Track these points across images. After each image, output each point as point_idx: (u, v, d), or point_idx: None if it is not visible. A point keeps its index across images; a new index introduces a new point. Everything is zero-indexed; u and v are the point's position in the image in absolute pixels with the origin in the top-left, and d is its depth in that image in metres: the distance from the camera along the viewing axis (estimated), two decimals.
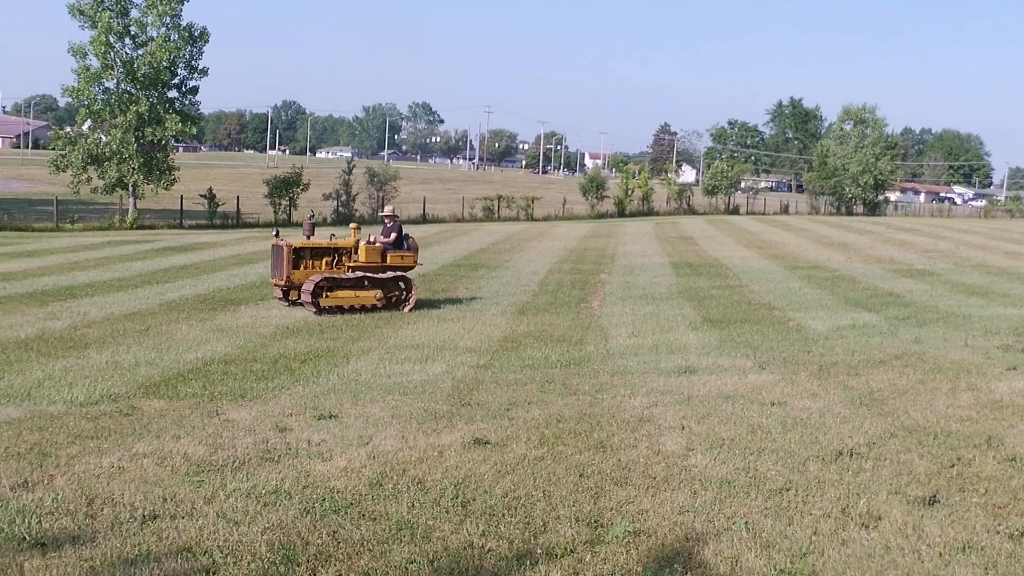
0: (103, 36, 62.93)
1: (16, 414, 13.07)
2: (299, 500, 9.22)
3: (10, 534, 8.26)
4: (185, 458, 10.73)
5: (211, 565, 7.65)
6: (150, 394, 14.51)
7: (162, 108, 64.14)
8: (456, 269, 36.38)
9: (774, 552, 8.04)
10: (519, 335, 20.83)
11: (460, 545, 8.13)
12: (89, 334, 20.27)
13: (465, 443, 11.34)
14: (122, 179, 63.50)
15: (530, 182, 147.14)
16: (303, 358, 17.70)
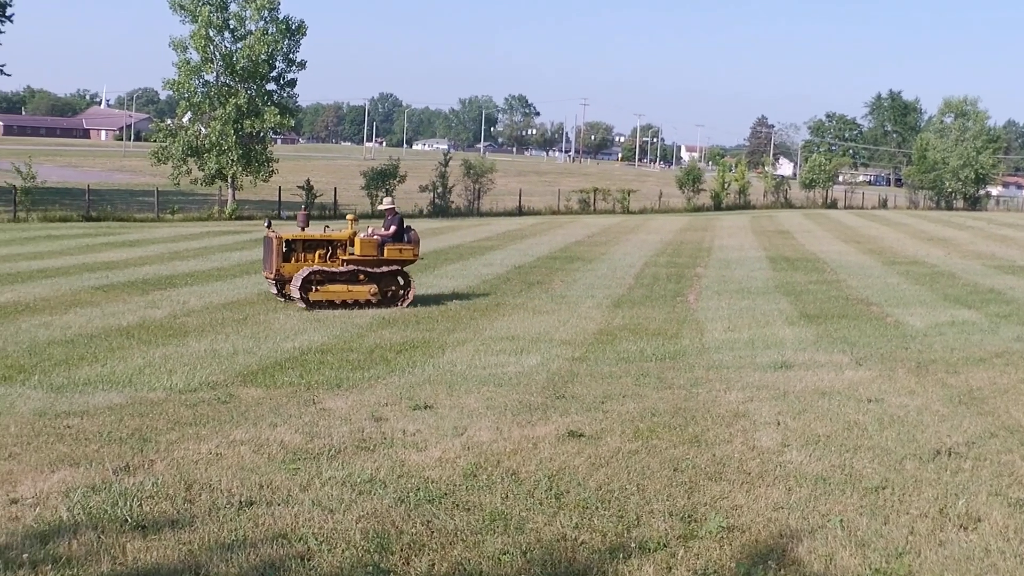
0: (203, 30, 63.58)
1: (118, 400, 13.29)
2: (394, 489, 9.27)
3: (113, 516, 8.41)
4: (282, 446, 10.85)
5: (306, 552, 7.73)
6: (248, 382, 14.67)
7: (260, 100, 64.70)
8: (552, 261, 36.34)
9: (869, 551, 7.93)
10: (614, 328, 20.76)
11: (553, 537, 8.13)
12: (188, 322, 20.54)
13: (559, 435, 11.34)
14: (221, 170, 64.18)
15: (626, 175, 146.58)
16: (399, 348, 17.78)
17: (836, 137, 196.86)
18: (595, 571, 7.46)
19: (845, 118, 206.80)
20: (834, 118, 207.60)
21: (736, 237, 52.28)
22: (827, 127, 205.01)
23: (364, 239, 23.50)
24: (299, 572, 7.35)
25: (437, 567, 7.47)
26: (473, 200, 72.78)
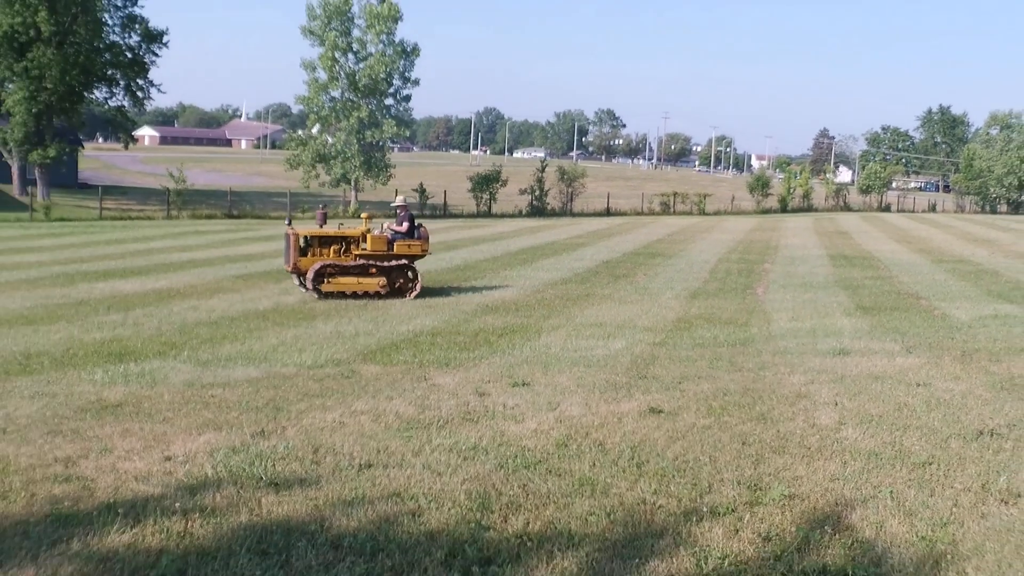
0: (330, 52, 64.42)
1: (255, 374, 13.46)
2: (494, 456, 9.31)
3: (251, 473, 8.55)
4: (397, 416, 10.93)
5: (417, 509, 7.78)
6: (367, 360, 14.76)
7: (380, 114, 65.37)
8: (636, 257, 36.20)
9: (916, 520, 7.81)
10: (691, 317, 20.62)
11: (634, 501, 8.12)
12: (316, 308, 20.73)
13: (641, 411, 11.31)
14: (345, 175, 65.00)
15: (702, 180, 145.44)
16: (500, 332, 17.80)
17: (891, 148, 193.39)
18: (671, 532, 7.43)
19: (899, 130, 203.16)
20: (889, 130, 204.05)
21: (800, 237, 51.65)
22: (882, 138, 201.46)
23: (375, 236, 22.87)
24: (411, 527, 7.40)
25: (531, 525, 7.48)
26: (566, 202, 72.71)
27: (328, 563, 6.69)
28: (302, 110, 74.79)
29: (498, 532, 7.35)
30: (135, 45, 68.87)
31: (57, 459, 9.07)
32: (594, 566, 6.76)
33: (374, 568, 6.61)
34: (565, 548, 7.05)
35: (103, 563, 6.62)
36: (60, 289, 23.39)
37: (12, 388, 12.39)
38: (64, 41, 62.68)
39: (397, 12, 64.75)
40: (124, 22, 68.35)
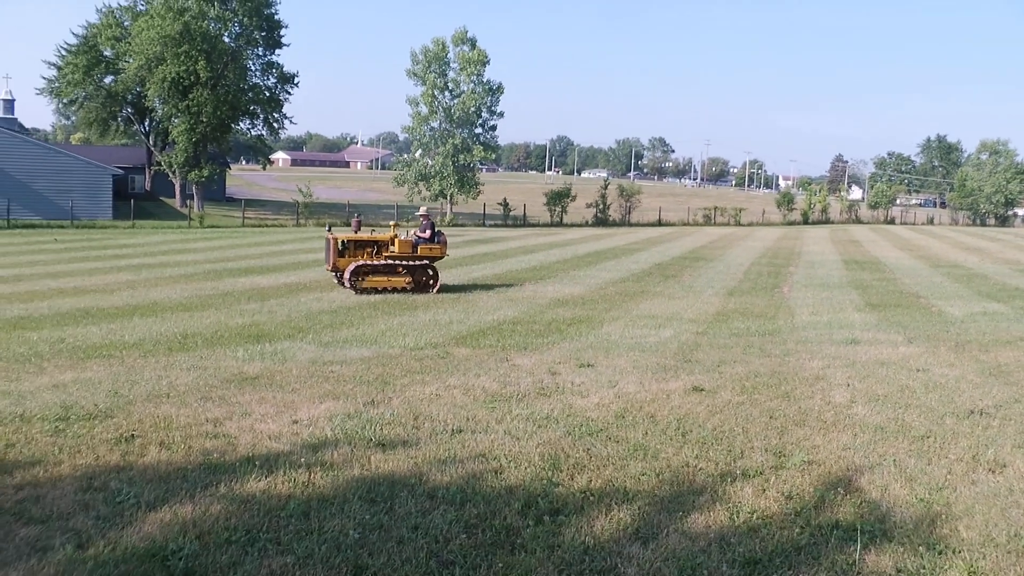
0: (430, 91, 64.95)
1: (367, 354, 13.55)
2: (564, 425, 9.29)
3: (362, 436, 8.61)
4: (483, 390, 10.95)
5: (499, 468, 7.79)
6: (459, 344, 14.79)
7: (470, 141, 65.70)
8: (683, 261, 35.92)
9: (916, 485, 7.65)
10: (728, 311, 20.42)
11: (679, 464, 8.05)
12: (417, 300, 20.81)
13: (686, 389, 11.22)
14: (442, 191, 65.42)
15: (737, 197, 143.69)
16: (569, 322, 17.76)
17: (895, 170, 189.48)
18: (709, 490, 7.36)
19: (902, 155, 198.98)
20: (894, 156, 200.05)
21: (819, 245, 50.91)
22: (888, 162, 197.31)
23: (402, 240, 22.44)
24: (493, 482, 7.41)
25: (593, 483, 7.45)
26: (625, 214, 72.39)
27: (425, 510, 6.72)
28: (407, 138, 75.42)
29: (565, 488, 7.33)
30: (272, 86, 70.03)
31: (208, 419, 9.22)
32: (644, 517, 6.73)
33: (463, 515, 6.63)
34: (621, 502, 7.02)
35: (244, 504, 6.71)
36: (210, 283, 23.76)
37: (173, 362, 12.62)
38: (217, 84, 63.82)
39: (485, 57, 65.06)
40: (264, 67, 69.53)
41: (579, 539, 6.29)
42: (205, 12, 62.40)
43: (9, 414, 9.33)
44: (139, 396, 10.32)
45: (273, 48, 69.11)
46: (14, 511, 6.60)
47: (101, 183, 58.94)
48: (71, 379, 11.34)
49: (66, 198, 55.27)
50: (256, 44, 67.77)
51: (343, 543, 6.08)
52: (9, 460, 7.80)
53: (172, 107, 63.62)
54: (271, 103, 69.81)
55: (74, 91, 71.98)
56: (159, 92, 63.02)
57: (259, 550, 5.94)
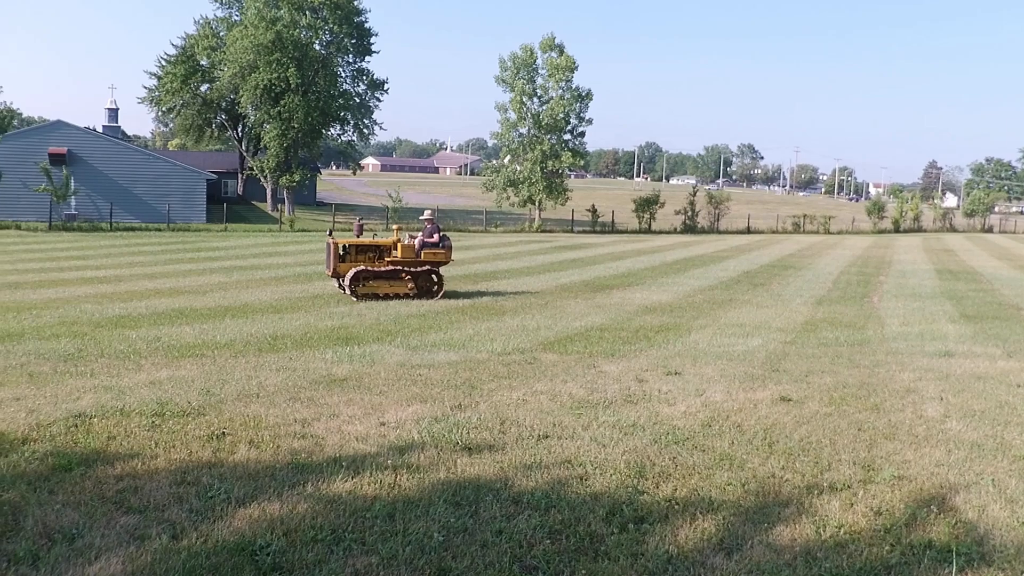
0: (518, 97, 65.15)
1: (454, 358, 13.64)
2: (650, 432, 9.23)
3: (448, 440, 8.67)
4: (570, 396, 10.94)
5: (584, 474, 7.77)
6: (547, 349, 14.80)
7: (559, 147, 65.69)
8: (771, 269, 35.43)
9: (1018, 507, 7.34)
10: (816, 320, 20.08)
11: (765, 475, 7.94)
12: (505, 305, 20.91)
13: (773, 399, 11.07)
14: (531, 197, 65.46)
15: (827, 204, 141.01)
16: (657, 329, 17.66)
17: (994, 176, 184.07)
18: (795, 502, 7.24)
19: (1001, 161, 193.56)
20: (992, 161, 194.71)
21: (911, 254, 49.68)
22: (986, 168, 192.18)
23: (405, 245, 21.98)
24: (578, 488, 7.40)
25: (678, 492, 7.40)
26: (713, 221, 71.62)
27: (509, 515, 6.74)
28: (496, 144, 75.64)
29: (651, 496, 7.29)
30: (362, 92, 71.15)
31: (296, 420, 9.38)
32: (729, 528, 6.65)
33: (547, 520, 6.63)
34: (706, 512, 6.95)
35: (330, 504, 6.81)
36: (300, 285, 24.19)
37: (263, 363, 12.88)
38: (308, 90, 64.96)
39: (573, 63, 65.01)
40: (354, 74, 70.65)
41: (663, 548, 6.25)
42: (296, 21, 63.64)
43: (111, 408, 9.67)
44: (230, 395, 10.56)
45: (363, 55, 70.14)
46: (115, 500, 6.85)
47: (196, 187, 60.47)
48: (166, 376, 11.66)
49: (163, 202, 56.84)
50: (346, 51, 68.85)
51: (427, 545, 6.14)
52: (110, 452, 8.09)
53: (264, 113, 65.04)
54: (361, 109, 70.88)
55: (172, 99, 74.30)
56: (252, 99, 64.51)
57: (344, 549, 6.02)
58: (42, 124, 67.83)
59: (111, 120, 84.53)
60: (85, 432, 8.71)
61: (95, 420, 9.17)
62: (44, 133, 59.19)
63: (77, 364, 12.67)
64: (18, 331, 15.74)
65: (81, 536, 6.14)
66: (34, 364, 12.64)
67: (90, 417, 9.28)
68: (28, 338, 15.01)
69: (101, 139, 63.40)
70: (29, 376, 11.74)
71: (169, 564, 5.70)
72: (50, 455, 7.92)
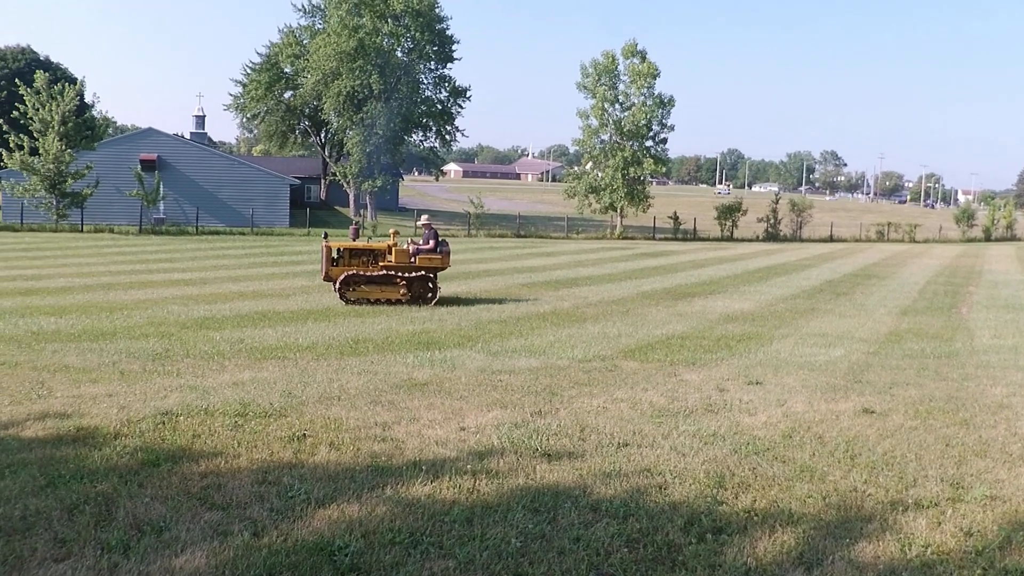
0: (600, 104, 65.18)
1: (535, 364, 13.66)
2: (730, 442, 9.15)
3: (528, 446, 8.69)
4: (650, 404, 10.88)
5: (663, 483, 7.73)
6: (627, 357, 14.75)
7: (641, 153, 65.49)
8: (854, 278, 34.77)
9: None
10: (901, 331, 19.66)
11: (847, 488, 7.79)
12: (587, 312, 20.88)
13: (856, 411, 10.87)
14: (612, 204, 65.42)
15: (912, 212, 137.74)
16: (738, 338, 17.48)
17: None
18: (878, 518, 7.09)
19: None
20: None
21: (1003, 263, 48.29)
22: None
23: (399, 249, 21.55)
24: (657, 497, 7.36)
25: (758, 503, 7.31)
26: (796, 229, 70.62)
27: (587, 522, 6.73)
28: (577, 150, 75.70)
29: (730, 506, 7.22)
30: (444, 99, 71.75)
31: (376, 423, 9.49)
32: (809, 542, 6.54)
33: (625, 529, 6.60)
34: (785, 524, 6.86)
35: (408, 507, 6.87)
36: None
37: (345, 366, 13.05)
38: (390, 97, 65.72)
39: (655, 70, 64.76)
40: (436, 81, 71.30)
41: (741, 559, 6.18)
42: (379, 28, 64.49)
43: (195, 407, 9.91)
44: (311, 397, 10.72)
45: (445, 62, 70.75)
46: (199, 496, 7.03)
47: (279, 192, 61.52)
48: (249, 378, 11.89)
49: (247, 207, 57.94)
50: (428, 59, 69.50)
51: (504, 551, 6.15)
52: (195, 449, 8.29)
53: (347, 120, 65.95)
54: (443, 116, 71.54)
55: (257, 106, 75.82)
56: (335, 105, 65.52)
57: (422, 552, 6.07)
58: (134, 131, 69.83)
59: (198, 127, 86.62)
60: (172, 429, 8.95)
61: (181, 418, 9.41)
62: (136, 140, 60.84)
63: (164, 363, 13.01)
64: (110, 330, 16.21)
65: (168, 529, 6.33)
66: (125, 362, 13.03)
67: (176, 415, 9.53)
68: (119, 337, 15.48)
69: (189, 145, 65.02)
70: (120, 374, 12.12)
71: (250, 560, 5.82)
72: (139, 450, 8.18)
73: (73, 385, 11.29)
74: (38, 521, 6.43)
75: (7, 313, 18.28)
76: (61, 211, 51.46)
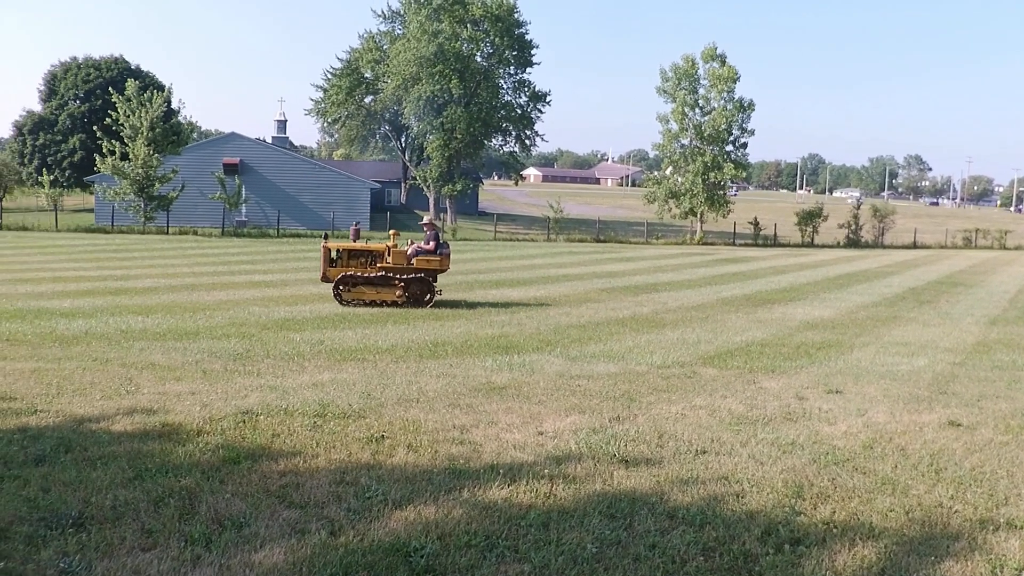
0: (680, 108, 64.90)
1: (614, 369, 13.62)
2: (809, 452, 9.00)
3: (605, 451, 8.65)
4: (729, 412, 10.77)
5: (740, 491, 7.63)
6: (706, 363, 14.62)
7: (721, 158, 65.02)
8: (939, 285, 33.99)
9: None
10: (990, 341, 19.15)
11: (932, 504, 7.58)
12: (666, 318, 20.75)
13: (941, 423, 10.60)
14: (692, 209, 65.07)
15: (1003, 218, 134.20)
16: (818, 346, 17.22)
17: None
18: (966, 537, 6.86)
19: None
20: None
21: None
22: None
23: (396, 251, 21.42)
24: (734, 506, 7.27)
25: (837, 515, 7.17)
26: (878, 236, 69.30)
27: (664, 529, 6.68)
28: (657, 155, 75.38)
29: (808, 517, 7.10)
30: (524, 104, 72.05)
31: (455, 426, 9.53)
32: (891, 558, 6.38)
33: (701, 537, 6.54)
34: (866, 538, 6.71)
35: (485, 510, 6.89)
36: (461, 293, 24.55)
37: (424, 368, 13.15)
38: (470, 102, 66.22)
39: (735, 74, 64.26)
40: (515, 86, 71.65)
41: (819, 572, 6.06)
42: (458, 34, 65.04)
43: (275, 407, 10.07)
44: (390, 399, 10.82)
45: (524, 67, 71.02)
46: (278, 494, 7.14)
47: (360, 196, 62.30)
48: (328, 379, 12.04)
49: (328, 210, 58.77)
50: (508, 63, 69.85)
51: (580, 556, 6.14)
52: (274, 449, 8.42)
53: (427, 124, 66.61)
54: (523, 120, 71.79)
55: (337, 111, 76.99)
56: (415, 110, 66.21)
57: (497, 556, 6.08)
58: (218, 136, 71.29)
59: (280, 131, 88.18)
60: (252, 428, 9.11)
61: (261, 417, 9.57)
62: (219, 144, 62.16)
63: (245, 363, 13.25)
64: (193, 330, 16.57)
65: (248, 525, 6.46)
66: (207, 362, 13.30)
67: (256, 414, 9.70)
68: (202, 337, 15.81)
69: (270, 149, 66.19)
70: (203, 373, 12.37)
71: (327, 559, 5.89)
72: (220, 447, 8.34)
73: (159, 382, 11.58)
74: (127, 512, 6.63)
75: (99, 312, 18.81)
76: (148, 214, 52.80)
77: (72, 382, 11.42)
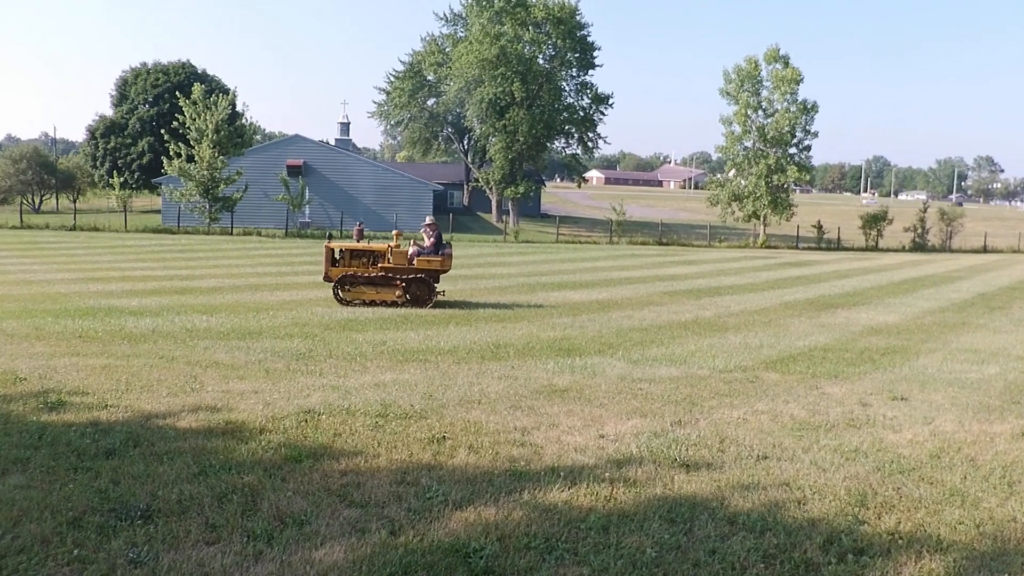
0: (743, 110, 64.35)
1: (675, 373, 13.54)
2: (873, 460, 8.86)
3: (667, 455, 8.61)
4: (791, 417, 10.65)
5: (802, 498, 7.54)
6: (769, 368, 14.47)
7: (784, 161, 64.35)
8: (1011, 291, 33.21)
9: None
10: None
11: (1005, 517, 7.37)
12: (728, 322, 20.57)
13: (1014, 433, 10.33)
14: (755, 212, 64.45)
15: None
16: (883, 352, 16.95)
17: None
18: None
19: None
20: None
21: None
22: None
23: (397, 251, 21.44)
24: (795, 513, 7.19)
25: (902, 525, 7.04)
26: (945, 240, 68.06)
27: (724, 535, 6.62)
28: (720, 157, 74.85)
29: (872, 527, 6.98)
30: (586, 106, 72.07)
31: (516, 428, 9.55)
32: (960, 572, 6.21)
33: (761, 544, 6.47)
34: (933, 551, 6.56)
35: (545, 512, 6.89)
36: (524, 295, 24.59)
37: (485, 370, 13.18)
38: (532, 104, 66.33)
39: (799, 75, 63.55)
40: (578, 88, 71.71)
41: None
42: (520, 36, 65.21)
43: (337, 407, 10.17)
44: (451, 400, 10.86)
45: (586, 69, 71.02)
46: (339, 493, 7.22)
47: (422, 198, 62.68)
48: (390, 379, 12.12)
49: (391, 211, 59.23)
50: (570, 66, 69.92)
51: (639, 560, 6.11)
52: (336, 448, 8.51)
53: (489, 126, 66.89)
54: (585, 123, 71.78)
55: (400, 113, 77.73)
56: (477, 112, 66.52)
57: (556, 558, 6.08)
58: (281, 138, 72.21)
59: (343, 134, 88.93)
60: (314, 427, 9.21)
61: (323, 417, 9.68)
62: (283, 147, 62.98)
63: (307, 363, 13.38)
64: (256, 330, 16.78)
65: (309, 523, 6.54)
66: (270, 361, 13.46)
67: (318, 414, 9.80)
68: (265, 336, 16.01)
69: (333, 151, 66.84)
70: (266, 372, 12.53)
71: (387, 558, 5.93)
72: (283, 446, 8.45)
73: (223, 380, 11.75)
74: (192, 506, 6.78)
75: (165, 310, 19.14)
76: (213, 215, 53.65)
77: (140, 379, 11.66)
